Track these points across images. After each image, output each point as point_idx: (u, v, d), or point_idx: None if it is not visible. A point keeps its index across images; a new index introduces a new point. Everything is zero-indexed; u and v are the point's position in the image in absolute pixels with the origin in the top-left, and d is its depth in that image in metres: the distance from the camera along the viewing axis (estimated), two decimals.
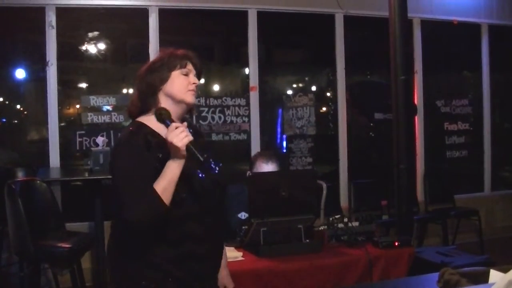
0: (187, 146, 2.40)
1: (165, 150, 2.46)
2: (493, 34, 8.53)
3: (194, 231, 2.52)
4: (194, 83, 2.61)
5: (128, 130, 2.55)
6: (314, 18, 7.65)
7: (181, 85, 2.59)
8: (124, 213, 2.40)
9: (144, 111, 2.61)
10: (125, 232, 2.51)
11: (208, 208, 2.57)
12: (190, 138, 2.42)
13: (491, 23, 8.48)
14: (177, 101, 2.59)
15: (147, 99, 2.59)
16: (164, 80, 2.58)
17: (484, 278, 2.17)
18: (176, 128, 2.41)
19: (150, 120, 2.56)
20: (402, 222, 5.50)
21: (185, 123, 2.50)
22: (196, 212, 2.52)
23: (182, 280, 2.49)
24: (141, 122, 2.57)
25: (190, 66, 2.63)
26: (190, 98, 2.60)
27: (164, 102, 2.58)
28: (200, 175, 2.56)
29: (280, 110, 7.46)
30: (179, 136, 2.39)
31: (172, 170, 2.42)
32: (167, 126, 2.47)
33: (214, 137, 6.94)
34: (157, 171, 2.43)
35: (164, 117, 2.51)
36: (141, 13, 6.77)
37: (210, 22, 7.40)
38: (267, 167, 4.67)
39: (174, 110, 2.59)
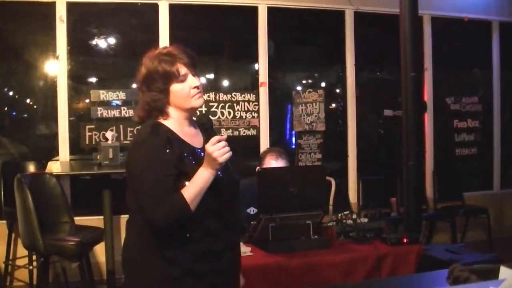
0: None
1: (185, 150, 2.51)
2: (504, 32, 8.48)
3: (213, 228, 2.52)
4: (195, 87, 2.58)
5: (147, 128, 2.53)
6: (324, 14, 7.64)
7: (183, 95, 2.56)
8: (146, 212, 2.41)
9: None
10: (143, 229, 2.49)
11: (225, 204, 2.58)
12: (230, 154, 2.46)
13: (502, 21, 8.44)
14: (186, 109, 2.60)
15: (154, 114, 2.59)
16: (165, 97, 2.56)
17: (494, 275, 2.16)
18: (218, 141, 2.44)
19: (165, 120, 2.58)
20: (411, 219, 5.49)
21: (225, 136, 2.50)
22: (215, 209, 2.51)
23: (201, 277, 2.49)
24: (156, 121, 2.56)
25: (183, 69, 2.57)
26: (197, 103, 2.60)
27: (174, 112, 2.59)
28: (218, 172, 2.54)
29: (289, 106, 7.45)
30: (221, 151, 2.43)
31: (204, 179, 2.44)
32: (208, 135, 2.55)
33: (223, 132, 6.94)
34: (178, 170, 2.44)
35: (207, 126, 2.61)
36: (151, 8, 6.78)
37: (220, 17, 7.39)
38: (276, 163, 4.68)
39: (184, 116, 2.61)
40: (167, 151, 2.46)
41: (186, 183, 2.45)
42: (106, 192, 5.62)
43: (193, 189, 2.42)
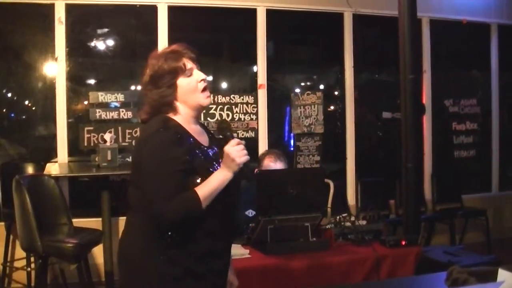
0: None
1: (195, 145, 2.53)
2: (502, 34, 8.49)
3: (215, 228, 2.53)
4: (202, 80, 2.59)
5: (158, 123, 2.52)
6: (323, 16, 7.64)
7: (190, 88, 2.57)
8: (154, 208, 2.40)
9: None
10: (146, 228, 2.49)
11: (227, 205, 2.58)
12: (248, 157, 2.51)
13: (501, 23, 8.45)
14: (193, 106, 2.60)
15: (164, 109, 2.58)
16: (173, 92, 2.56)
17: (493, 277, 2.16)
18: (237, 144, 2.49)
19: (174, 116, 2.57)
20: (409, 221, 5.49)
21: (243, 142, 2.52)
22: (218, 209, 2.51)
23: (201, 276, 2.50)
24: (166, 116, 2.56)
25: (188, 63, 2.58)
26: (204, 100, 2.61)
27: (181, 109, 2.59)
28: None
29: (288, 108, 7.45)
30: (240, 153, 2.48)
31: (220, 180, 2.47)
32: (227, 138, 2.55)
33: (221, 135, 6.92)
34: (188, 166, 2.45)
35: (226, 130, 2.61)
36: (150, 10, 6.78)
37: (219, 19, 7.39)
38: (275, 165, 4.68)
39: (191, 114, 2.61)
40: (177, 146, 2.46)
41: (198, 180, 2.46)
42: (104, 193, 5.63)
43: (207, 188, 2.44)
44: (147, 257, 2.49)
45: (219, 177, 2.47)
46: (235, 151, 2.46)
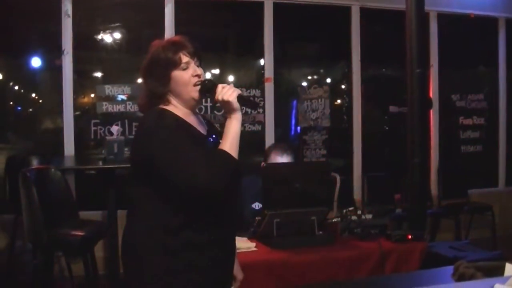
0: (238, 98, 2.50)
1: (195, 133, 2.55)
2: (510, 28, 8.46)
3: (215, 218, 2.51)
4: (196, 75, 2.57)
5: (154, 114, 2.51)
6: (330, 10, 7.63)
7: (183, 83, 2.55)
8: (200, 180, 2.34)
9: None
10: (144, 222, 2.49)
11: (228, 195, 2.56)
12: (238, 91, 2.52)
13: (509, 17, 8.41)
14: (186, 99, 2.59)
15: (155, 101, 2.58)
16: (166, 84, 2.55)
17: (500, 272, 2.16)
18: (223, 88, 2.50)
19: (167, 107, 2.56)
20: (415, 216, 5.49)
21: (232, 84, 2.53)
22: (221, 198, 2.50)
23: (204, 268, 2.48)
24: (161, 108, 2.55)
25: (186, 57, 2.56)
26: (196, 94, 2.58)
27: (174, 101, 2.58)
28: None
29: (294, 102, 7.44)
30: (227, 92, 2.48)
31: (233, 126, 2.50)
32: (212, 92, 2.55)
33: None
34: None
35: (208, 89, 2.57)
36: (157, 4, 6.78)
37: (225, 13, 7.39)
38: (282, 159, 4.67)
39: (186, 106, 2.60)
40: (180, 130, 2.47)
41: None
42: (110, 187, 5.64)
43: (226, 140, 2.47)
44: (148, 250, 2.47)
45: (229, 125, 2.50)
46: (222, 93, 2.49)
